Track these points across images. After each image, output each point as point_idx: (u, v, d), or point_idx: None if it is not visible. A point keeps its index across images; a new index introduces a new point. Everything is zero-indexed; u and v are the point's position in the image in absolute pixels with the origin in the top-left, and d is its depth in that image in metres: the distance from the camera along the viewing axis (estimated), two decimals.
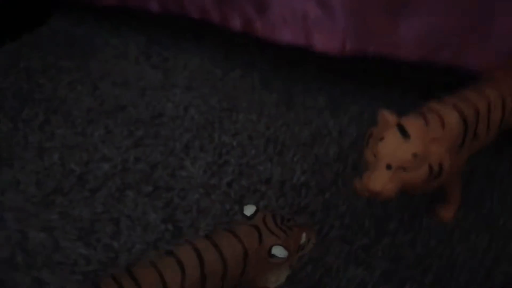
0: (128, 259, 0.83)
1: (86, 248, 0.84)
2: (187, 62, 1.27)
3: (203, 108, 1.13)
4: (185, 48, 1.31)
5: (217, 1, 1.10)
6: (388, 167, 0.67)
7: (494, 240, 0.83)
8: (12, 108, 1.16)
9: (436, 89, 1.02)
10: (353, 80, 1.19)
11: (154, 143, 1.05)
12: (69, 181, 0.97)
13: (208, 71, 1.24)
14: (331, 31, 0.99)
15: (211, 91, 1.18)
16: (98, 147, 1.05)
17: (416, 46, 0.95)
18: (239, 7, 1.07)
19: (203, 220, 0.88)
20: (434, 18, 0.91)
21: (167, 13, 1.22)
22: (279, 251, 0.56)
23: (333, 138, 1.04)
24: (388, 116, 0.70)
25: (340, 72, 1.21)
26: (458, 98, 0.76)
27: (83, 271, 0.81)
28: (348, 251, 0.82)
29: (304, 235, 0.60)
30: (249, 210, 0.61)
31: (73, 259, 0.83)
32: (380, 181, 0.67)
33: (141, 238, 0.86)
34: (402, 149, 0.66)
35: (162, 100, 1.15)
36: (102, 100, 1.17)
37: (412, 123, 0.68)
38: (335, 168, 0.97)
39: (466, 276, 0.78)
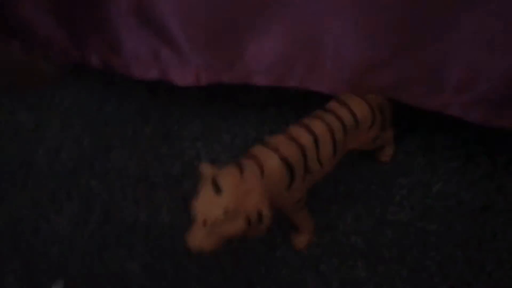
0: None
1: None
2: (61, 100, 1.23)
3: (75, 150, 1.11)
4: (58, 85, 1.28)
5: (72, 42, 1.07)
6: (204, 223, 0.68)
7: (343, 263, 0.87)
8: None
9: (311, 103, 1.04)
10: (228, 103, 1.19)
11: (22, 196, 1.02)
12: None
13: (83, 105, 1.21)
14: (184, 67, 0.99)
15: (84, 129, 1.16)
16: None
17: (264, 74, 0.96)
18: (95, 47, 1.05)
19: (63, 275, 0.87)
20: (276, 46, 0.92)
21: (31, 54, 1.18)
22: None
23: None
24: (205, 170, 0.71)
25: (217, 94, 1.21)
26: (281, 138, 0.77)
27: None
28: None
29: None
30: (57, 286, 0.62)
31: None
32: (197, 237, 0.68)
33: None
34: (214, 204, 0.67)
35: (34, 145, 1.13)
36: None
37: (225, 177, 0.69)
38: None
39: None
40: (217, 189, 0.68)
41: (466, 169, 0.98)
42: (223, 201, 0.67)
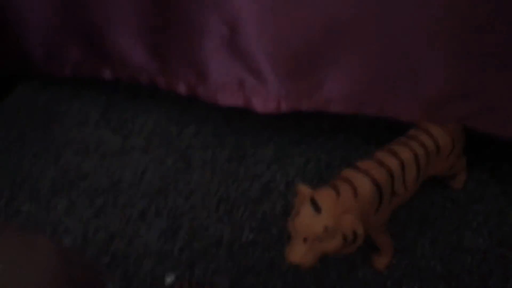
0: None
1: None
2: (144, 123, 1.34)
3: (159, 171, 1.20)
4: (142, 107, 1.38)
5: (161, 70, 1.17)
6: (305, 240, 0.73)
7: (424, 285, 0.90)
8: None
9: (381, 131, 1.09)
10: (300, 128, 1.25)
11: (113, 211, 1.11)
12: None
13: (164, 130, 1.31)
14: (266, 96, 1.06)
15: (167, 152, 1.25)
16: (61, 220, 1.11)
17: (342, 102, 1.02)
18: (182, 75, 1.15)
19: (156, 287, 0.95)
20: (354, 75, 0.98)
21: (121, 80, 1.30)
22: None
23: (280, 191, 1.11)
24: (303, 190, 0.77)
25: (288, 120, 1.28)
26: (371, 163, 0.82)
27: None
28: None
29: None
30: (169, 279, 0.69)
31: None
32: (298, 253, 0.73)
33: None
34: (314, 223, 0.73)
35: (121, 166, 1.22)
36: (65, 170, 1.24)
37: (324, 197, 0.75)
38: (281, 223, 1.03)
39: None
40: (316, 208, 0.73)
41: None
42: (323, 219, 0.73)
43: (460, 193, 1.05)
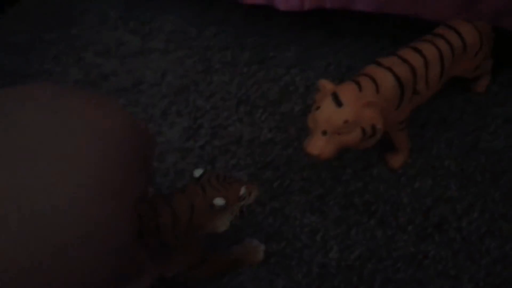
0: None
1: None
2: (163, 24, 1.31)
3: (179, 72, 1.20)
4: (161, 8, 1.35)
5: None
6: (324, 133, 0.75)
7: (437, 183, 0.93)
8: (2, 85, 1.25)
9: (408, 34, 1.06)
10: (322, 31, 1.22)
11: (135, 110, 1.14)
12: None
13: (183, 31, 1.29)
14: None
15: (186, 53, 1.24)
16: None
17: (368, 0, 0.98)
18: None
19: (179, 181, 1.00)
20: None
21: None
22: (218, 201, 0.69)
23: (300, 94, 1.11)
24: (325, 85, 0.77)
25: (309, 23, 1.24)
26: (394, 59, 0.81)
27: None
28: (305, 201, 0.93)
29: (243, 188, 0.72)
30: (197, 172, 0.73)
31: None
32: (317, 145, 0.76)
33: None
34: (335, 116, 0.74)
35: (141, 67, 1.23)
36: (87, 71, 1.25)
37: (346, 91, 0.75)
38: (299, 124, 1.05)
39: (406, 218, 0.88)
40: (338, 102, 0.74)
41: None
42: (344, 113, 0.74)
43: (481, 96, 1.04)
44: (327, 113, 0.74)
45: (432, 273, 0.84)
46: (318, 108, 0.76)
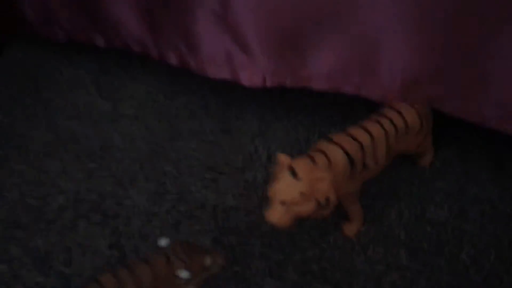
0: (79, 284, 0.96)
1: (41, 276, 0.98)
2: (135, 91, 1.38)
3: (148, 138, 1.26)
4: (134, 76, 1.43)
5: (154, 41, 1.22)
6: (282, 203, 0.82)
7: (388, 251, 0.99)
8: None
9: (358, 110, 1.16)
10: (284, 103, 1.32)
11: (104, 174, 1.17)
12: (27, 216, 1.09)
13: (154, 99, 1.36)
14: (252, 70, 1.13)
15: (156, 120, 1.30)
16: (54, 181, 1.17)
17: (323, 80, 1.10)
18: (173, 46, 1.20)
19: (144, 245, 1.02)
20: (336, 55, 1.05)
21: (113, 47, 1.34)
22: (183, 274, 0.72)
23: (262, 162, 1.18)
24: (283, 159, 0.84)
25: (273, 95, 1.34)
26: (344, 137, 0.90)
27: None
28: (265, 266, 0.97)
29: (208, 258, 0.76)
30: (163, 241, 0.77)
31: (30, 287, 0.96)
32: (276, 215, 0.82)
33: (91, 264, 1.00)
34: (291, 188, 0.81)
35: (111, 131, 1.28)
36: (57, 134, 1.29)
37: (301, 165, 0.83)
38: (261, 191, 1.11)
39: (360, 285, 0.94)
40: (294, 174, 0.81)
41: (499, 178, 1.10)
42: (300, 185, 0.81)
43: (426, 171, 1.14)
44: (284, 185, 0.81)
45: None
46: (276, 179, 0.83)
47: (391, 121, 0.95)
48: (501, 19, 0.87)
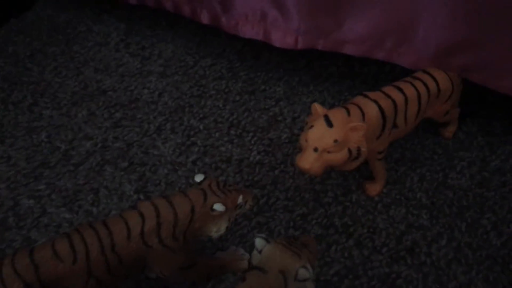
0: None
1: (69, 213, 1.00)
2: (162, 50, 1.40)
3: (175, 94, 1.27)
4: (161, 37, 1.44)
5: None
6: (315, 150, 0.83)
7: (409, 212, 1.01)
8: (2, 90, 1.28)
9: (383, 81, 1.17)
10: (310, 71, 1.34)
11: (130, 124, 1.19)
12: (55, 157, 1.11)
13: (181, 59, 1.37)
14: (286, 30, 1.13)
15: (183, 78, 1.32)
16: (81, 127, 1.19)
17: (356, 44, 1.11)
18: (207, 3, 1.21)
19: (170, 191, 1.04)
20: (371, 20, 1.06)
21: (145, 4, 1.35)
22: (218, 207, 0.74)
23: (287, 124, 1.20)
24: (318, 108, 0.86)
25: (299, 63, 1.35)
26: (379, 94, 0.92)
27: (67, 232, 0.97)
28: (288, 219, 0.99)
29: (241, 197, 0.78)
30: (198, 177, 0.78)
31: (58, 222, 0.98)
32: (308, 160, 0.83)
33: (117, 206, 1.02)
34: (326, 135, 0.82)
35: (139, 86, 1.29)
36: (85, 85, 1.30)
37: (336, 114, 0.84)
38: (286, 150, 1.13)
39: (381, 240, 0.95)
40: (329, 123, 0.83)
41: None
42: (334, 133, 0.82)
43: (449, 141, 1.15)
44: (319, 132, 0.83)
45: None
46: (311, 127, 0.84)
47: (425, 84, 0.96)
48: None
